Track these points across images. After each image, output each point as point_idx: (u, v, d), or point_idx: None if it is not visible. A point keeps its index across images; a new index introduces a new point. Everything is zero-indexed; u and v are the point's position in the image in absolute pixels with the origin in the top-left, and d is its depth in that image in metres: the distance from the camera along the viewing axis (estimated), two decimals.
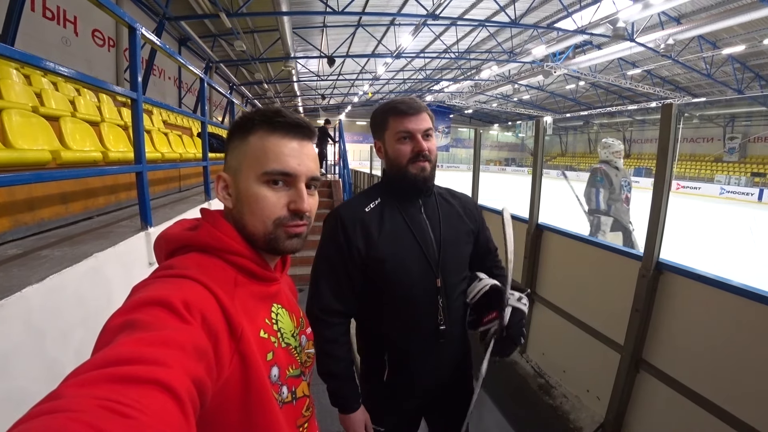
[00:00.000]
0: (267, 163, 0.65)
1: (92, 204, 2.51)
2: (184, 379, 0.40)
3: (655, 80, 22.14)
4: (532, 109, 33.04)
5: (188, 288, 0.52)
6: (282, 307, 0.71)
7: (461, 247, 1.20)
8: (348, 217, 1.12)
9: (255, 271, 0.66)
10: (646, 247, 2.04)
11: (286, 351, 0.68)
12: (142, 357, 0.39)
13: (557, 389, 2.74)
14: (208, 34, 12.56)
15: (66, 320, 1.36)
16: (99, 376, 0.35)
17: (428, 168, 1.12)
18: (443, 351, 1.15)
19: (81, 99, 3.91)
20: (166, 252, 0.65)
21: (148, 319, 0.44)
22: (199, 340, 0.47)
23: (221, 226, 0.65)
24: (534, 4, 13.23)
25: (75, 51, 7.21)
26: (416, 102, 1.11)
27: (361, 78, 22.71)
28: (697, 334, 1.87)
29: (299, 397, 0.70)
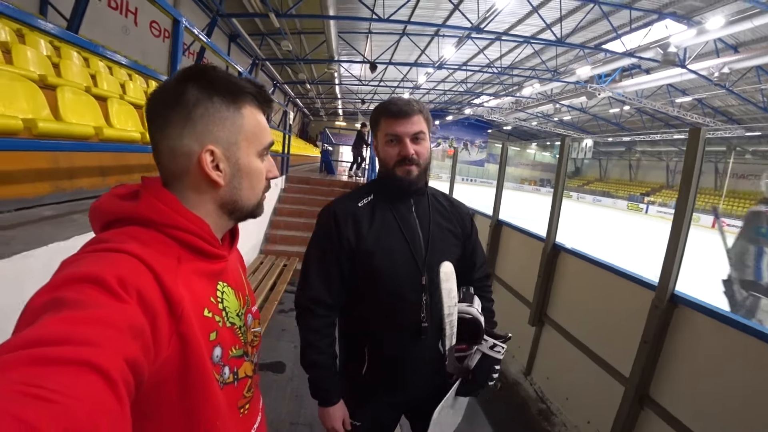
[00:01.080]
0: (265, 138, 0.67)
1: (127, 179, 2.68)
2: (116, 359, 0.37)
3: (706, 110, 21.10)
4: (572, 130, 32.23)
5: (124, 263, 0.48)
6: (228, 285, 0.68)
7: (448, 248, 1.20)
8: (340, 210, 1.14)
9: (201, 248, 0.61)
10: (662, 277, 1.97)
11: (230, 331, 0.65)
12: (69, 337, 0.36)
13: (558, 417, 2.67)
14: (256, 32, 13.07)
15: None
16: (18, 359, 0.32)
17: (415, 171, 1.12)
18: (424, 348, 1.15)
19: (131, 83, 4.17)
20: (102, 224, 0.59)
21: (77, 296, 0.41)
22: (135, 318, 0.44)
23: (164, 197, 0.59)
24: (582, 23, 12.98)
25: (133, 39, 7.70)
26: (409, 104, 1.11)
27: (401, 86, 22.91)
28: (711, 376, 1.76)
29: (241, 377, 0.68)
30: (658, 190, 34.41)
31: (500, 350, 1.13)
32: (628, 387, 2.10)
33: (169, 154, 0.61)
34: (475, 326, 1.11)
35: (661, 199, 31.83)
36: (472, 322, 1.11)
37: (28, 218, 1.65)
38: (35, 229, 1.49)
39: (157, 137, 0.61)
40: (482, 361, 1.12)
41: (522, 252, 3.55)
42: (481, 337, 1.12)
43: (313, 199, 6.59)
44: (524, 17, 13.33)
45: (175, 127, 0.60)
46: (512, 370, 3.25)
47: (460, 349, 1.13)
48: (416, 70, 18.99)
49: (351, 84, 22.35)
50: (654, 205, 30.65)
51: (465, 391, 1.16)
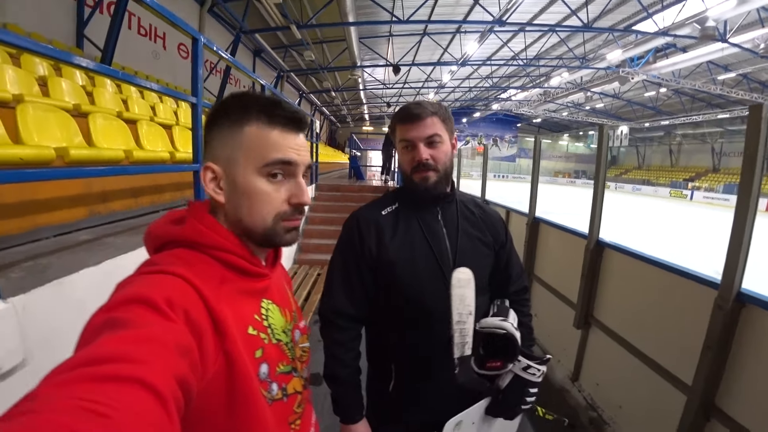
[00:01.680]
0: (269, 153, 0.63)
1: (158, 199, 2.75)
2: (166, 377, 0.39)
3: (752, 85, 19.69)
4: (606, 118, 30.97)
5: (171, 284, 0.51)
6: (272, 302, 0.70)
7: (479, 259, 1.12)
8: (363, 218, 1.11)
9: (243, 267, 0.64)
10: (725, 273, 1.78)
11: (276, 347, 0.67)
12: (123, 355, 0.38)
13: (611, 426, 2.49)
14: (280, 46, 13.35)
15: None
16: (77, 376, 0.35)
17: (433, 177, 1.06)
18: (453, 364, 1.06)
19: (161, 105, 4.32)
20: (153, 247, 0.63)
21: (129, 317, 0.44)
22: (183, 337, 0.46)
23: (206, 220, 0.63)
24: (609, 6, 12.43)
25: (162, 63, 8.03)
26: (421, 107, 1.05)
27: (426, 86, 22.78)
28: None
29: (290, 393, 0.69)
30: (703, 175, 32.45)
31: (536, 372, 1.03)
32: (691, 396, 1.92)
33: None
34: (510, 343, 1.02)
35: (707, 184, 29.99)
36: (505, 338, 1.02)
37: (65, 244, 1.70)
38: (70, 255, 1.52)
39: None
40: (514, 381, 1.04)
41: (562, 250, 3.37)
42: (516, 355, 1.02)
43: (344, 206, 6.62)
44: (548, 5, 12.91)
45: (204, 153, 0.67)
46: (558, 376, 3.07)
47: (492, 366, 1.03)
48: (440, 69, 18.81)
49: (375, 88, 22.43)
50: (699, 190, 28.90)
51: (495, 411, 1.07)
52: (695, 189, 29.41)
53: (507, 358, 1.03)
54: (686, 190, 29.65)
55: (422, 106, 1.06)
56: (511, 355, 1.02)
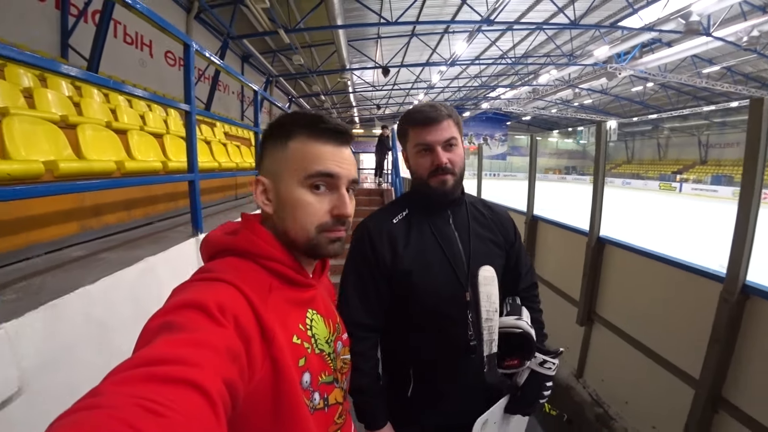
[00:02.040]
0: (310, 166, 0.66)
1: (152, 210, 2.68)
2: (216, 380, 0.41)
3: (736, 78, 20.01)
4: (594, 114, 31.22)
5: (223, 291, 0.54)
6: (317, 313, 0.72)
7: (492, 260, 1.12)
8: (375, 228, 1.09)
9: (290, 277, 0.66)
10: (730, 266, 1.79)
11: (319, 357, 0.68)
12: (177, 357, 0.41)
13: (617, 421, 2.48)
14: (268, 50, 13.26)
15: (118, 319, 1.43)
16: (136, 375, 0.38)
17: (450, 181, 1.06)
18: (472, 366, 1.08)
19: (150, 114, 4.24)
20: (208, 255, 0.68)
21: (183, 321, 0.47)
22: (232, 342, 0.48)
23: (258, 231, 0.67)
24: (595, 3, 12.54)
25: (150, 71, 7.93)
26: (436, 109, 1.04)
27: (416, 87, 22.79)
28: None
29: (332, 404, 0.70)
30: (691, 167, 32.87)
31: (551, 366, 1.07)
32: (699, 389, 1.92)
33: None
34: (526, 341, 1.05)
35: (695, 176, 30.38)
36: (522, 337, 1.05)
37: (58, 261, 1.63)
38: (63, 274, 1.46)
39: None
40: (531, 377, 1.08)
41: (562, 247, 3.37)
42: (532, 352, 1.06)
43: None
44: (534, 3, 12.97)
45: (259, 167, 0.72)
46: (562, 373, 3.06)
47: (510, 365, 1.08)
48: (429, 69, 18.82)
49: (365, 90, 22.38)
50: (688, 182, 29.28)
51: (514, 408, 1.10)
52: (683, 181, 29.80)
53: (524, 356, 1.06)
54: (675, 183, 30.03)
55: (437, 108, 1.05)
56: (528, 352, 1.06)
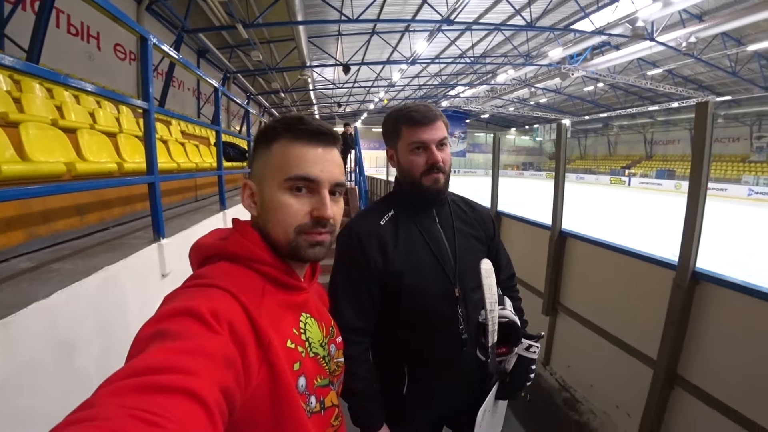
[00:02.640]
0: (289, 169, 0.66)
1: (107, 215, 2.52)
2: (211, 388, 0.41)
3: (676, 80, 21.53)
4: (549, 112, 32.55)
5: (216, 297, 0.53)
6: (311, 316, 0.71)
7: (476, 255, 1.16)
8: (363, 231, 1.09)
9: (282, 280, 0.66)
10: (681, 254, 1.91)
11: (314, 361, 0.68)
12: (171, 366, 0.40)
13: (584, 404, 2.60)
14: (225, 46, 12.81)
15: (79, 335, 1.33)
16: (130, 385, 0.37)
17: (442, 179, 1.09)
18: (465, 360, 1.11)
19: (101, 111, 3.98)
20: (198, 261, 0.67)
21: (177, 328, 0.46)
22: (227, 349, 0.47)
23: (249, 235, 0.66)
24: (550, 6, 13.05)
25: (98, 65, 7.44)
26: (431, 110, 1.07)
27: (376, 85, 22.79)
28: (737, 349, 1.74)
29: (328, 406, 0.70)
30: (638, 162, 35.01)
31: (535, 350, 1.13)
32: (657, 369, 2.04)
33: None
34: (513, 329, 1.10)
35: (642, 170, 32.39)
36: (509, 325, 1.10)
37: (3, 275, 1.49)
38: (11, 288, 1.33)
39: None
40: (519, 362, 1.12)
41: (525, 241, 3.48)
42: (519, 338, 1.10)
43: None
44: (493, 5, 13.34)
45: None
46: None
47: (499, 353, 1.11)
48: (390, 67, 18.86)
49: (326, 88, 22.14)
50: (636, 176, 31.18)
51: (504, 393, 1.14)
52: (632, 176, 31.68)
53: (512, 343, 1.10)
54: (624, 177, 31.89)
55: (431, 109, 1.07)
56: (515, 339, 1.10)
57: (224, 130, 3.85)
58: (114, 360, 1.49)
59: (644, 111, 26.32)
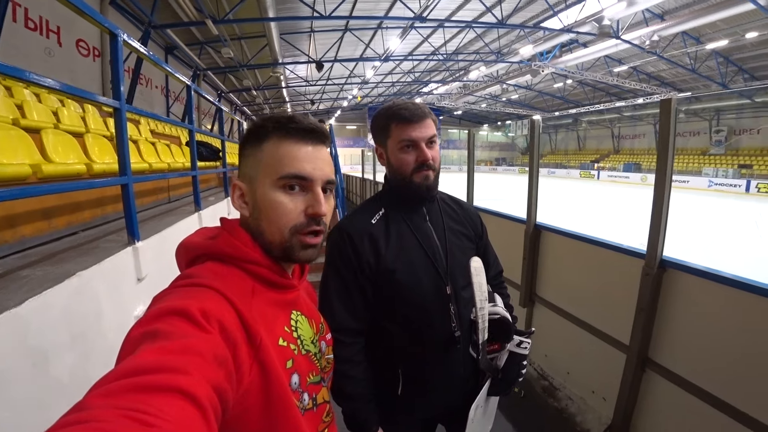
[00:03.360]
0: (282, 168, 0.65)
1: (77, 219, 2.42)
2: (204, 386, 0.41)
3: (641, 76, 22.37)
4: (521, 108, 33.24)
5: (206, 297, 0.53)
6: (301, 313, 0.72)
7: (466, 252, 1.17)
8: (355, 231, 1.08)
9: (272, 279, 0.66)
10: (649, 244, 2.01)
11: (306, 358, 0.68)
12: (163, 365, 0.40)
13: (562, 391, 2.70)
14: (194, 42, 12.44)
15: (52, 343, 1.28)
16: (122, 386, 0.36)
17: (432, 176, 1.09)
18: (458, 358, 1.13)
19: (65, 110, 3.80)
20: (186, 260, 0.66)
21: (167, 328, 0.45)
22: (218, 348, 0.47)
23: (238, 234, 0.66)
24: (520, 4, 13.31)
25: (59, 61, 7.08)
26: (420, 108, 1.07)
27: (350, 82, 22.68)
28: (703, 331, 1.84)
29: (320, 403, 0.71)
30: (606, 156, 36.23)
31: (526, 346, 1.13)
32: (630, 354, 2.14)
33: None
34: (505, 325, 1.10)
35: (610, 164, 33.55)
36: (501, 322, 1.10)
37: None
38: None
39: None
40: (510, 358, 1.12)
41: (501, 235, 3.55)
42: (511, 335, 1.11)
43: None
44: (464, 2, 13.49)
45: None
46: None
47: (491, 350, 1.12)
48: (363, 64, 18.80)
49: (299, 86, 21.87)
50: (604, 170, 32.29)
51: (496, 390, 1.15)
52: (601, 169, 32.80)
53: (505, 339, 1.10)
54: (593, 171, 32.99)
55: (421, 107, 1.07)
56: (507, 335, 1.10)
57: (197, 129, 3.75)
58: (91, 368, 1.44)
59: (611, 107, 27.26)
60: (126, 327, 0.49)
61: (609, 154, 36.34)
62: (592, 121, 36.69)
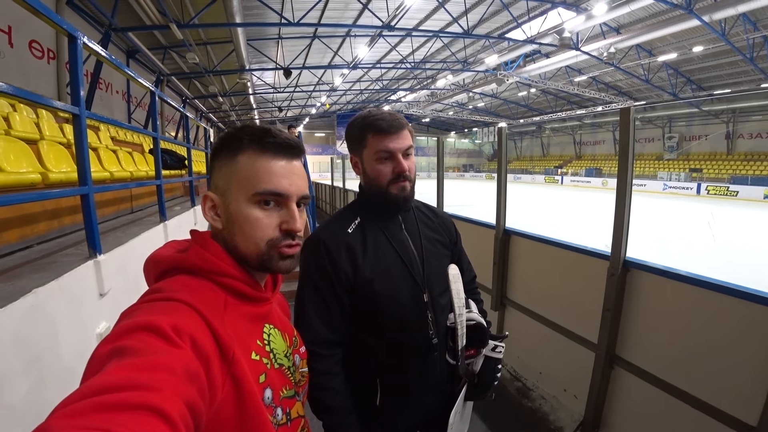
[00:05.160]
0: (258, 183, 0.64)
1: (31, 231, 2.27)
2: (176, 403, 0.39)
3: (599, 86, 23.56)
4: (486, 115, 34.16)
5: (177, 311, 0.51)
6: (274, 327, 0.70)
7: (442, 260, 1.18)
8: (331, 241, 1.06)
9: (245, 292, 0.64)
10: (613, 246, 2.10)
11: (279, 372, 0.67)
12: (132, 383, 0.38)
13: (535, 391, 2.76)
14: (158, 46, 12.07)
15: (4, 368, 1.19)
16: (88, 406, 0.35)
17: (408, 187, 1.09)
18: (435, 364, 1.13)
19: (16, 115, 3.58)
20: (155, 275, 0.64)
21: (136, 344, 0.43)
22: (190, 363, 0.46)
23: (210, 247, 0.64)
24: (485, 15, 13.74)
25: (9, 63, 6.67)
26: (397, 119, 1.06)
27: (318, 89, 22.60)
28: (665, 327, 1.93)
29: (294, 418, 0.69)
30: (569, 162, 37.70)
31: (501, 350, 1.15)
32: (598, 352, 2.22)
33: None
34: (481, 330, 1.11)
35: (573, 169, 34.94)
36: (477, 327, 1.11)
37: None
38: None
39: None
40: (486, 363, 1.13)
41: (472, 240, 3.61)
42: (486, 340, 1.12)
43: None
44: (432, 12, 13.75)
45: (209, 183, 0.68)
46: None
47: (468, 356, 1.12)
48: (331, 72, 18.83)
49: (266, 93, 21.57)
50: (567, 175, 33.59)
51: (473, 394, 1.15)
52: (564, 174, 34.07)
53: (480, 344, 1.11)
54: (557, 176, 34.23)
55: (398, 118, 1.06)
56: (483, 340, 1.11)
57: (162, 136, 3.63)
58: (49, 393, 1.35)
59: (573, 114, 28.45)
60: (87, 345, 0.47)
61: (571, 160, 37.84)
62: (555, 128, 38.14)
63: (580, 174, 32.70)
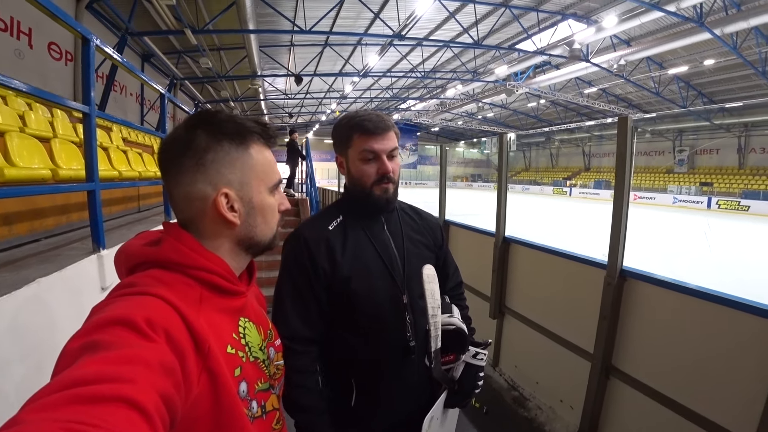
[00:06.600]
0: (273, 175, 0.70)
1: (40, 225, 2.34)
2: (151, 395, 0.39)
3: (609, 98, 23.46)
4: (496, 126, 34.12)
5: (151, 305, 0.50)
6: (249, 320, 0.70)
7: (424, 262, 1.15)
8: (312, 237, 1.07)
9: (221, 285, 0.64)
10: (610, 255, 2.10)
11: (254, 365, 0.67)
12: (106, 376, 0.37)
13: (531, 401, 2.74)
14: (172, 51, 12.32)
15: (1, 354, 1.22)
16: (61, 399, 0.34)
17: (392, 189, 1.09)
18: (413, 368, 1.11)
19: (32, 114, 3.69)
20: (127, 268, 0.63)
21: (109, 339, 0.43)
22: (165, 357, 0.45)
23: (185, 239, 0.63)
24: (495, 26, 13.80)
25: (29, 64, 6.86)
26: (383, 120, 1.06)
27: (328, 96, 22.80)
28: (661, 338, 1.92)
29: (269, 410, 0.70)
30: (578, 173, 37.44)
31: (483, 357, 1.12)
32: (594, 362, 2.21)
33: (184, 200, 0.64)
34: (460, 336, 1.09)
35: (582, 181, 34.69)
36: (456, 333, 1.08)
37: None
38: None
39: (171, 184, 0.64)
40: (467, 370, 1.11)
41: (472, 248, 3.63)
42: (466, 346, 1.10)
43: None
44: (442, 22, 13.86)
45: (188, 173, 0.62)
46: None
47: (447, 361, 1.10)
48: (342, 79, 18.98)
49: (277, 98, 21.84)
50: (576, 187, 33.35)
51: (453, 402, 1.13)
52: (573, 186, 33.82)
53: (460, 350, 1.09)
54: (566, 188, 33.98)
55: (384, 119, 1.06)
56: (462, 347, 1.09)
57: None
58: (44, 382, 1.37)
59: (582, 126, 28.31)
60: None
61: (580, 172, 37.58)
62: (563, 139, 37.97)
63: (589, 186, 32.46)
